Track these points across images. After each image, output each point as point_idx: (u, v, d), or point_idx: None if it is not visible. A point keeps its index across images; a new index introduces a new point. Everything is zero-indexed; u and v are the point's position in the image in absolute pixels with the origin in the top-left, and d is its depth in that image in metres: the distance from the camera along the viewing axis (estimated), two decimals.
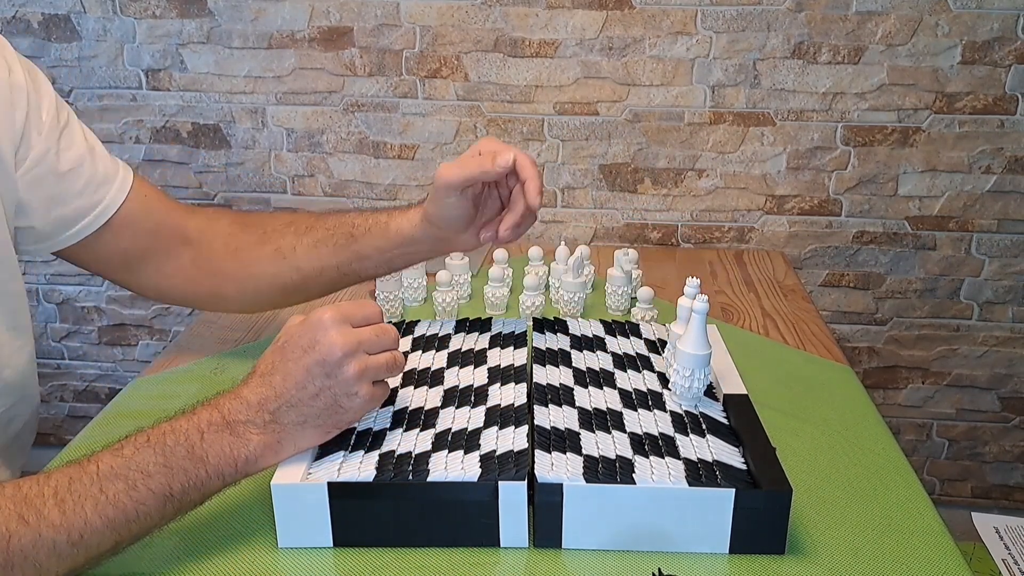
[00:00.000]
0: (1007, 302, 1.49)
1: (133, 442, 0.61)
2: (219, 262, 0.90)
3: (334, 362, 0.64)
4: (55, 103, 0.80)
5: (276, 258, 0.89)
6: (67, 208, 0.81)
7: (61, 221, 0.81)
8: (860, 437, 0.83)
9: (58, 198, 0.80)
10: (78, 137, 0.82)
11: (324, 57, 1.44)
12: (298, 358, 0.65)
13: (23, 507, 0.56)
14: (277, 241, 0.89)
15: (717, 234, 1.50)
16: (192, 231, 0.90)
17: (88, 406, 1.76)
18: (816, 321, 1.14)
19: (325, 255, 0.88)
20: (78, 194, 0.81)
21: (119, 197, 0.84)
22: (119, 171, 0.85)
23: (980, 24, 1.33)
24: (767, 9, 1.35)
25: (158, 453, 0.60)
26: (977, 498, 1.64)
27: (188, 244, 0.90)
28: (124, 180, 0.85)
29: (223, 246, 0.90)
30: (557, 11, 1.38)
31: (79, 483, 0.58)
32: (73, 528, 0.56)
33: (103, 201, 0.83)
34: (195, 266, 0.90)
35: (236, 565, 0.64)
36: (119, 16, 1.45)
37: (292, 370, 0.65)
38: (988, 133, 1.39)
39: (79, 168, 0.81)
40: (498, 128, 1.45)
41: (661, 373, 0.82)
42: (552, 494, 0.64)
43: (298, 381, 0.64)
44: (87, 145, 0.83)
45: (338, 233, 0.87)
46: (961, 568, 0.65)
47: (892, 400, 1.58)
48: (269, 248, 0.89)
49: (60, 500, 0.57)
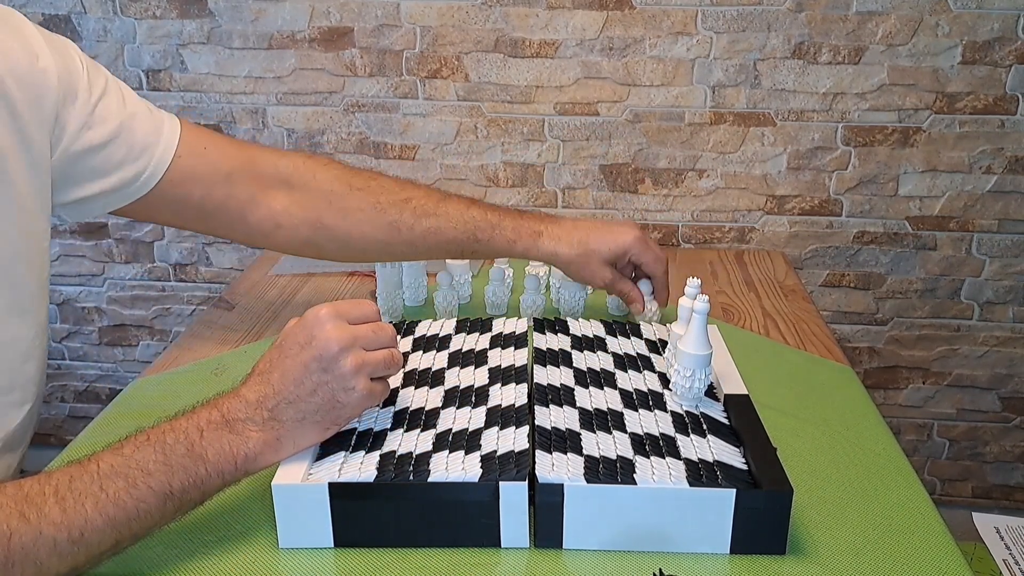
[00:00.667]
0: (1008, 302, 1.49)
1: (133, 441, 0.61)
2: (320, 215, 0.92)
3: (330, 356, 0.65)
4: (86, 77, 0.80)
5: (391, 231, 0.93)
6: (112, 179, 0.82)
7: (108, 191, 0.83)
8: (861, 437, 0.83)
9: (99, 170, 0.81)
10: (114, 107, 0.82)
11: (324, 57, 1.44)
12: (295, 354, 0.65)
13: (24, 505, 0.56)
14: (394, 215, 0.93)
15: (718, 234, 1.50)
16: (276, 177, 0.92)
17: (89, 406, 1.76)
18: (817, 321, 1.14)
19: (443, 242, 0.94)
20: (119, 164, 0.82)
21: (167, 156, 0.85)
22: (163, 130, 0.85)
23: (980, 24, 1.33)
24: (767, 9, 1.35)
25: (158, 451, 0.60)
26: (978, 498, 1.64)
27: (274, 189, 0.92)
28: (170, 138, 0.85)
29: (325, 202, 0.92)
30: (557, 11, 1.38)
31: (79, 481, 0.58)
32: (74, 526, 0.57)
33: (149, 166, 0.84)
34: (288, 213, 0.92)
35: (236, 565, 0.64)
36: (119, 16, 1.45)
37: (289, 367, 0.65)
38: (988, 133, 1.39)
39: (117, 139, 0.81)
40: (499, 128, 1.46)
41: (662, 373, 0.82)
42: (553, 494, 0.64)
43: (295, 377, 0.65)
44: (127, 112, 0.83)
45: (461, 229, 0.94)
46: (962, 568, 0.65)
47: (893, 400, 1.58)
48: (384, 220, 0.92)
49: (61, 498, 0.57)
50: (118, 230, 1.60)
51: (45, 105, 0.75)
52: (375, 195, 0.93)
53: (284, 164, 0.93)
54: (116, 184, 0.83)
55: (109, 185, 0.82)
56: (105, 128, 0.81)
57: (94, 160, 0.81)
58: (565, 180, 1.48)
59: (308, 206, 0.92)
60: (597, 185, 1.48)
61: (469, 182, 1.50)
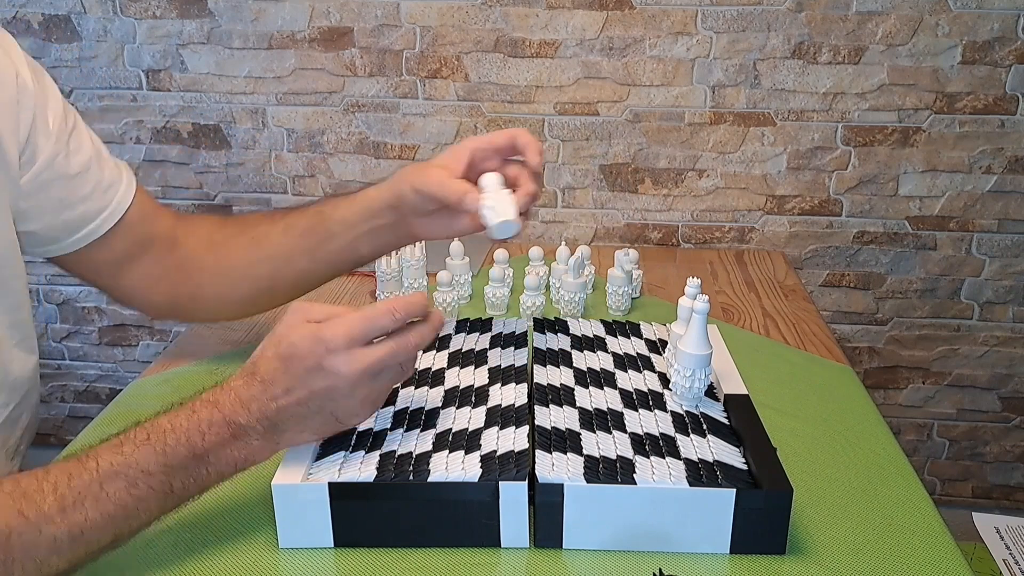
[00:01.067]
0: (1008, 302, 1.49)
1: (133, 439, 0.61)
2: (199, 259, 0.89)
3: (340, 391, 0.64)
4: (62, 106, 0.80)
5: (251, 247, 0.88)
6: (75, 212, 0.80)
7: (67, 225, 0.81)
8: (861, 437, 0.83)
9: (66, 201, 0.79)
10: (85, 140, 0.82)
11: (324, 57, 1.44)
12: (303, 378, 0.63)
13: (22, 503, 0.56)
14: (253, 230, 0.88)
15: (717, 234, 1.50)
16: (179, 235, 0.89)
17: (88, 406, 1.76)
18: (816, 321, 1.14)
19: (295, 239, 0.86)
20: (86, 198, 0.81)
21: (125, 200, 0.84)
22: (123, 174, 0.85)
23: (980, 24, 1.33)
24: (767, 9, 1.35)
25: (159, 452, 0.60)
26: (978, 498, 1.64)
27: (175, 249, 0.89)
28: (129, 183, 0.85)
29: (204, 243, 0.90)
30: (557, 11, 1.38)
31: (78, 479, 0.58)
32: (73, 524, 0.56)
33: (110, 205, 0.82)
34: (178, 269, 0.89)
35: (236, 565, 0.64)
36: (119, 16, 1.45)
37: (295, 388, 0.63)
38: (988, 133, 1.39)
39: (87, 172, 0.81)
40: (498, 128, 1.45)
41: (662, 373, 0.82)
42: (553, 494, 0.64)
43: (300, 399, 0.64)
44: (94, 148, 0.83)
45: (310, 212, 0.86)
46: (962, 568, 0.65)
47: (893, 400, 1.58)
48: (245, 238, 0.88)
49: (60, 496, 0.57)
50: None
51: (23, 120, 0.75)
52: (244, 220, 0.91)
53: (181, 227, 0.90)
54: (76, 218, 0.80)
55: (70, 218, 0.80)
56: (78, 159, 0.80)
57: (64, 190, 0.79)
58: (565, 180, 1.48)
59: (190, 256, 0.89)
60: (597, 185, 1.48)
61: None
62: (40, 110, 0.77)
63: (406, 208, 0.81)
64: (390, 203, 0.82)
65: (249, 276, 0.89)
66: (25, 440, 0.84)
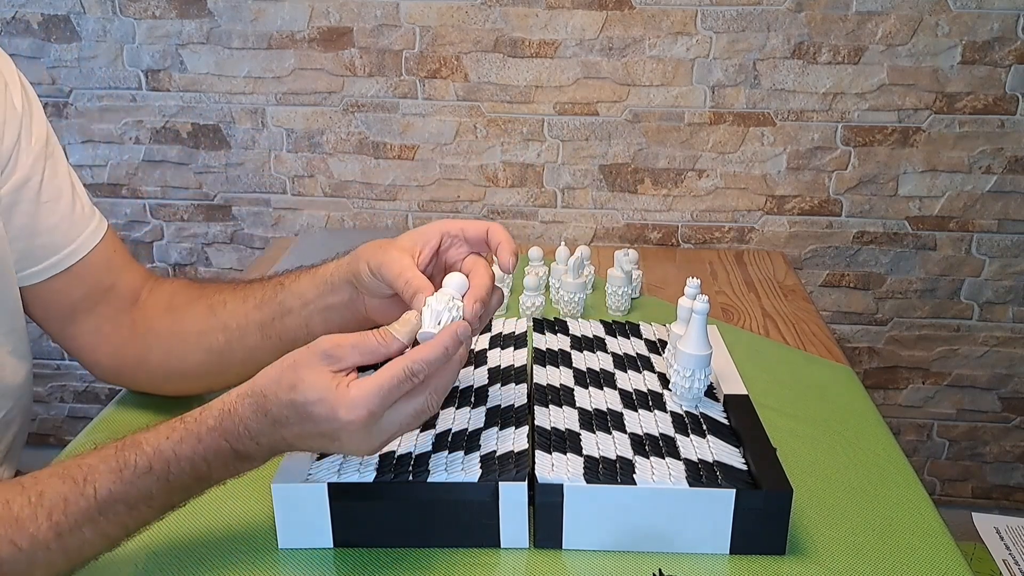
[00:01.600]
0: (1007, 302, 1.49)
1: (134, 467, 0.58)
2: (153, 322, 0.83)
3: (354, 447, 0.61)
4: (46, 131, 0.78)
5: (207, 314, 0.81)
6: (36, 241, 0.76)
7: (27, 254, 0.76)
8: (860, 437, 0.83)
9: (30, 228, 0.76)
10: (62, 170, 0.79)
11: (324, 57, 1.44)
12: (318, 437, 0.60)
13: (15, 532, 0.55)
14: (212, 297, 0.82)
15: (717, 234, 1.50)
16: (143, 295, 0.85)
17: (88, 407, 1.76)
18: (816, 321, 1.14)
19: (251, 309, 0.79)
20: (51, 229, 0.77)
21: (91, 241, 0.80)
22: (95, 216, 0.82)
23: (980, 24, 1.33)
24: (767, 9, 1.35)
25: (162, 480, 0.59)
26: (978, 498, 1.64)
27: (132, 308, 0.84)
28: (99, 226, 0.81)
29: (163, 306, 0.84)
30: (557, 11, 1.38)
31: (75, 506, 0.57)
32: (70, 548, 0.57)
33: (75, 242, 0.78)
34: (131, 328, 0.83)
35: (236, 565, 0.64)
36: (119, 16, 1.45)
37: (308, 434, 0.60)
38: (988, 133, 1.39)
39: (57, 201, 0.77)
40: (498, 128, 1.45)
41: (661, 373, 0.82)
42: (552, 494, 0.64)
43: (311, 446, 0.62)
44: (69, 181, 0.80)
45: (269, 285, 0.80)
46: (962, 568, 0.65)
47: (892, 400, 1.58)
48: (203, 304, 0.82)
49: (55, 523, 0.56)
50: (117, 231, 1.60)
51: (7, 136, 0.74)
52: (206, 285, 0.85)
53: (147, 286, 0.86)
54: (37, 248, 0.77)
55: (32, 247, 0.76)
56: (52, 185, 0.77)
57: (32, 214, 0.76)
58: (565, 180, 1.48)
59: (146, 317, 0.84)
60: (596, 185, 1.48)
61: (468, 182, 1.50)
62: (25, 129, 0.75)
63: (363, 287, 0.73)
64: (347, 279, 0.74)
65: (201, 346, 0.81)
66: (17, 445, 0.84)
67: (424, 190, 1.52)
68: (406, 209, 1.54)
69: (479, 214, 1.52)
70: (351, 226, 1.55)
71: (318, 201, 1.54)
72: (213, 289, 0.83)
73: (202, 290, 0.84)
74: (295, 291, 0.78)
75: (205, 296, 0.83)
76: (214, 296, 0.82)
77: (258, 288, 0.80)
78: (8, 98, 0.75)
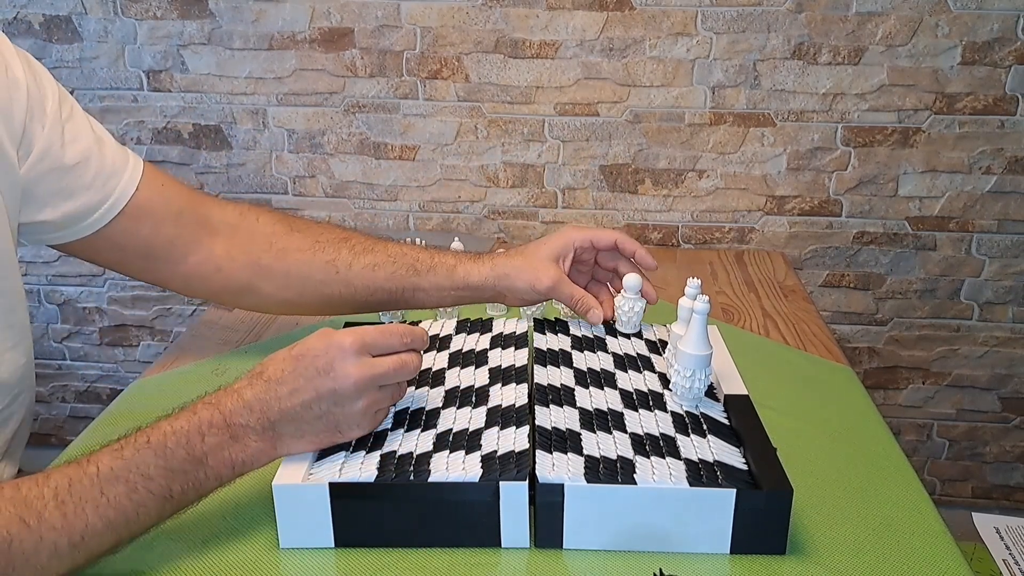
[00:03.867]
0: (1007, 302, 1.49)
1: (133, 443, 0.61)
2: (259, 256, 0.90)
3: (346, 395, 0.65)
4: (58, 96, 0.79)
5: (328, 269, 0.90)
6: (77, 202, 0.80)
7: (73, 214, 0.81)
8: (860, 437, 0.83)
9: (66, 192, 0.79)
10: (84, 129, 0.81)
11: (325, 58, 1.44)
12: (311, 377, 0.65)
13: (23, 510, 0.56)
14: (332, 253, 0.90)
15: (717, 235, 1.50)
16: (220, 222, 0.90)
17: (89, 407, 1.76)
18: (816, 321, 1.14)
19: (381, 279, 0.90)
20: (87, 187, 0.80)
21: (130, 187, 0.83)
22: (129, 160, 0.85)
23: (980, 25, 1.33)
24: (767, 10, 1.35)
25: (159, 455, 0.60)
26: (978, 498, 1.64)
27: (217, 234, 0.89)
28: (135, 169, 0.84)
29: (266, 243, 0.90)
30: (557, 12, 1.38)
31: (79, 485, 0.58)
32: (74, 530, 0.57)
33: (114, 193, 0.82)
34: (229, 257, 0.89)
35: (237, 565, 0.65)
36: (120, 17, 1.45)
37: (302, 387, 0.64)
38: (988, 133, 1.39)
39: (86, 161, 0.80)
40: (499, 129, 1.46)
41: (662, 373, 0.82)
42: (553, 494, 0.64)
43: (305, 400, 0.64)
44: (94, 136, 0.82)
45: (400, 263, 0.90)
46: (961, 568, 0.65)
47: (892, 400, 1.58)
48: (322, 258, 0.90)
49: (61, 502, 0.57)
50: None
51: (15, 113, 0.75)
52: (314, 235, 0.91)
53: (229, 210, 0.91)
54: (80, 208, 0.81)
55: (73, 208, 0.80)
56: (75, 148, 0.80)
57: (61, 181, 0.79)
58: (565, 180, 1.49)
59: (248, 249, 0.90)
60: (597, 185, 1.48)
61: (469, 182, 1.50)
62: (35, 101, 0.76)
63: (514, 296, 0.90)
64: (496, 289, 0.90)
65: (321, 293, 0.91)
66: (17, 442, 0.84)
67: (425, 190, 1.52)
68: (407, 209, 1.54)
69: (480, 214, 1.52)
70: (352, 226, 1.56)
71: (319, 201, 1.54)
72: (330, 245, 0.91)
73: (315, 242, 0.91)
74: (430, 280, 0.90)
75: (323, 251, 0.90)
76: (334, 253, 0.90)
77: (387, 260, 0.90)
78: (10, 74, 0.75)
